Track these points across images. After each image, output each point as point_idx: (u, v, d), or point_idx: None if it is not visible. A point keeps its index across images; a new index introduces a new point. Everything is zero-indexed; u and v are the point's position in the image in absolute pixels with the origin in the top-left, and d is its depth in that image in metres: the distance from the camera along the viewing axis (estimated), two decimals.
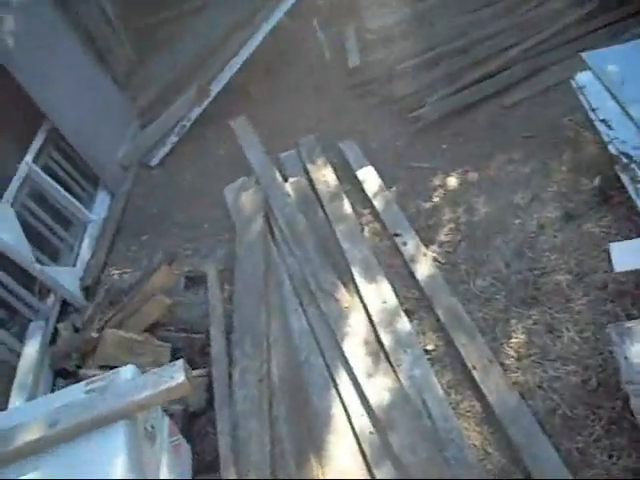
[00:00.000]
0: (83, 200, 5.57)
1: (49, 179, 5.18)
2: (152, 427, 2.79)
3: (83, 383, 2.86)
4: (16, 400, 3.77)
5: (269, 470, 3.05)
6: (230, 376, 3.61)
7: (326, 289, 3.85)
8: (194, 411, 3.55)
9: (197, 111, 5.97)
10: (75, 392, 2.81)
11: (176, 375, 2.58)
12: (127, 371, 2.81)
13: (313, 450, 3.13)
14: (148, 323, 3.83)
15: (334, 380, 3.39)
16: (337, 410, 3.26)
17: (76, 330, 4.25)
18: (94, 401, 2.62)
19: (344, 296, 3.77)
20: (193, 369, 3.69)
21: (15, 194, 4.79)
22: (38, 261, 4.58)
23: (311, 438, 3.20)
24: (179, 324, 3.94)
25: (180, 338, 3.82)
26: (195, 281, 4.46)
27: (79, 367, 3.86)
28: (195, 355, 3.82)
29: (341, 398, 3.29)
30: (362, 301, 3.74)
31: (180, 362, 2.64)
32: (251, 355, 3.61)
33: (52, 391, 4.01)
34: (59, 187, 5.24)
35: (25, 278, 4.49)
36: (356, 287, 3.84)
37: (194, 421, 3.54)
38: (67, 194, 5.31)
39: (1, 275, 4.27)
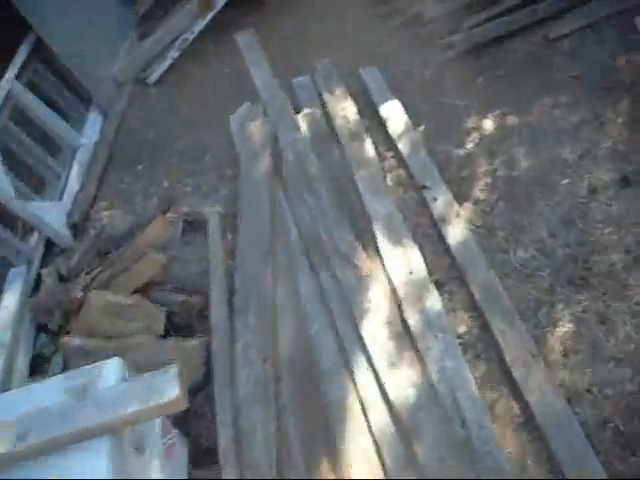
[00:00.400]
0: (72, 121, 4.90)
1: (33, 97, 4.51)
2: (141, 432, 2.33)
3: (62, 377, 2.37)
4: None
5: (275, 472, 2.62)
6: (232, 344, 3.14)
7: (343, 252, 3.31)
8: (190, 387, 3.09)
9: (201, 24, 5.21)
10: (53, 388, 2.32)
11: (168, 389, 2.08)
12: (111, 369, 2.30)
13: (325, 451, 2.69)
14: (140, 283, 3.30)
15: (350, 366, 2.91)
16: (353, 403, 2.79)
17: (61, 278, 3.74)
18: (72, 410, 2.13)
19: (364, 262, 3.24)
20: (191, 336, 3.25)
21: None
22: (20, 194, 4.02)
23: (323, 435, 2.75)
24: (175, 283, 3.41)
25: (176, 301, 3.31)
26: (194, 226, 3.90)
27: (62, 327, 3.38)
28: (193, 320, 3.32)
29: (357, 389, 2.82)
30: (385, 269, 3.21)
31: (174, 371, 2.13)
32: (255, 328, 3.11)
33: (34, 347, 3.55)
34: (45, 106, 4.58)
35: (4, 215, 3.94)
36: (378, 251, 3.30)
37: (190, 399, 3.08)
38: (54, 114, 4.65)
39: None
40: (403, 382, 2.74)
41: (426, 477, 2.48)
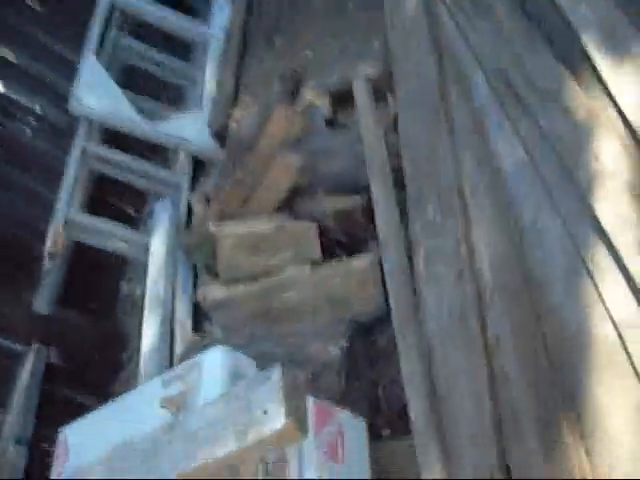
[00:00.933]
0: (197, 13, 4.05)
1: None
2: None
3: (160, 382, 1.66)
4: (150, 323, 2.75)
5: (494, 449, 1.69)
6: (412, 256, 2.18)
7: (544, 87, 2.12)
8: (367, 326, 2.24)
9: None
10: (149, 400, 1.62)
11: (271, 414, 1.21)
12: (214, 365, 1.54)
13: (564, 405, 1.69)
14: (279, 198, 2.44)
15: (588, 268, 1.80)
16: (601, 331, 1.72)
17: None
18: (157, 449, 1.38)
19: (578, 98, 2.02)
20: (353, 253, 2.36)
21: (100, 35, 3.44)
22: (154, 114, 3.35)
23: (559, 383, 1.74)
24: (325, 183, 2.49)
25: (330, 210, 2.39)
26: (346, 99, 2.87)
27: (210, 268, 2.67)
28: (357, 229, 2.41)
29: (606, 308, 1.73)
30: (614, 103, 1.97)
31: (276, 377, 1.25)
32: (439, 226, 2.12)
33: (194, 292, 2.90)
34: (157, 5, 3.77)
35: (138, 143, 3.30)
36: (598, 77, 2.04)
37: (369, 342, 2.23)
38: (171, 11, 3.82)
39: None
40: None
41: None
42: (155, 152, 3.36)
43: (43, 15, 3.71)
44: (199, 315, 2.79)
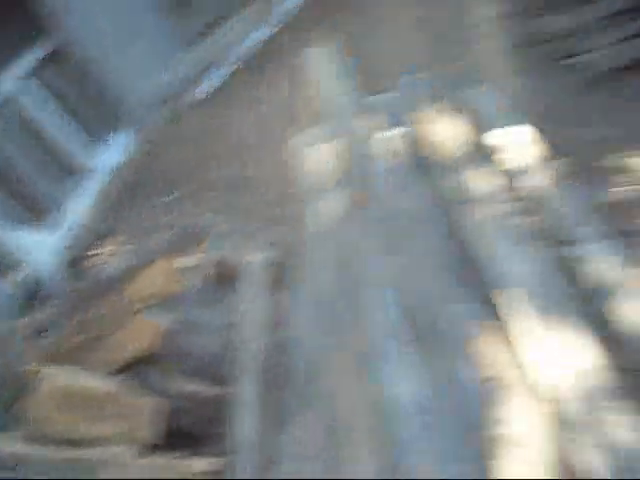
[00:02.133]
0: (95, 137, 3.68)
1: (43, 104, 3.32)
2: None
3: None
4: None
5: None
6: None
7: (459, 336, 1.92)
8: None
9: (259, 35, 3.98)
10: None
11: None
12: None
13: None
14: (125, 359, 1.95)
15: None
16: None
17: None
18: None
19: (494, 355, 1.83)
20: (200, 453, 1.86)
21: None
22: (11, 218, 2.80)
23: None
24: (183, 361, 2.03)
25: (180, 392, 1.91)
26: (227, 280, 2.52)
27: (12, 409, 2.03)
28: (207, 426, 1.93)
29: None
30: (527, 368, 1.78)
31: None
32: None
33: None
34: (58, 117, 3.38)
35: None
36: (513, 336, 1.87)
37: None
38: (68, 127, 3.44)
39: None
40: None
41: None
42: None
43: None
44: None
